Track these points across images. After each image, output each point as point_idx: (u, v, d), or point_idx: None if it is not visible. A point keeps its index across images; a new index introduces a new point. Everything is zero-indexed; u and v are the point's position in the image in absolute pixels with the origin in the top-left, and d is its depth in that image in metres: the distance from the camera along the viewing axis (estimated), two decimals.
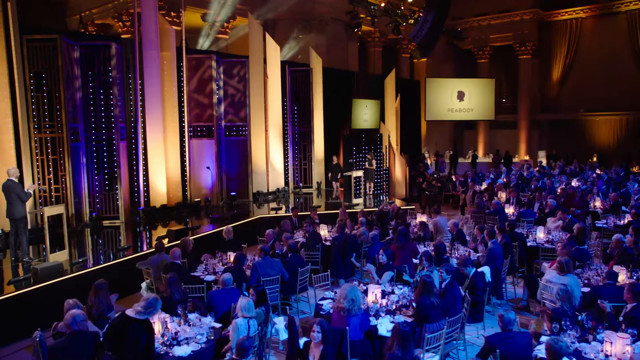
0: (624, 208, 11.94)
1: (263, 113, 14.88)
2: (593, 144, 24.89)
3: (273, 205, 14.11)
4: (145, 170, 12.61)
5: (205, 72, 13.66)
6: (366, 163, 15.44)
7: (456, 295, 6.08)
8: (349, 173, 14.34)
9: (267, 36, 15.18)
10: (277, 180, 15.53)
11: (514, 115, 27.03)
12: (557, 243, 7.74)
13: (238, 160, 14.51)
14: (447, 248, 8.33)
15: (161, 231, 11.47)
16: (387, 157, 17.53)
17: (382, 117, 19.28)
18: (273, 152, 15.37)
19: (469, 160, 25.70)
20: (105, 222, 11.63)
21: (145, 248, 9.70)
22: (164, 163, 12.76)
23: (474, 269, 6.69)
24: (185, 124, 13.47)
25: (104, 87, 11.61)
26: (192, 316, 5.62)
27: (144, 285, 7.76)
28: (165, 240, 9.57)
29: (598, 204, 12.54)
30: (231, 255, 7.66)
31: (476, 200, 12.17)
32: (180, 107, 13.34)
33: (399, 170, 17.33)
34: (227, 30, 20.09)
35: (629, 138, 23.44)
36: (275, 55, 15.36)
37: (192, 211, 13.05)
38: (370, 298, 6.15)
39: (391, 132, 18.54)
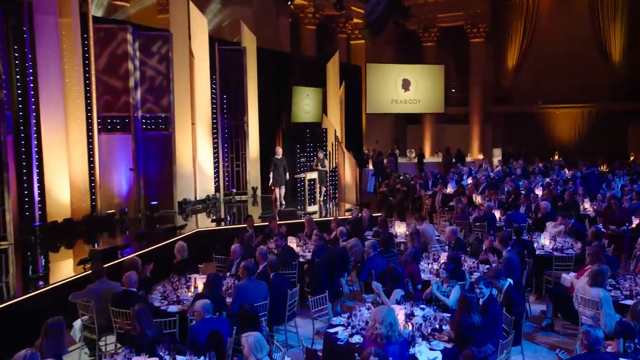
0: None
1: (189, 102, 14.40)
2: (553, 140, 26.62)
3: (202, 216, 13.79)
4: (41, 173, 11.65)
5: (119, 47, 12.97)
6: (318, 164, 15.28)
7: (498, 312, 6.14)
8: (301, 175, 14.16)
9: (192, 6, 14.64)
10: (206, 186, 15.09)
11: (464, 108, 28.23)
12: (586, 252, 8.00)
13: (159, 161, 13.91)
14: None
15: (65, 254, 10.76)
16: (335, 156, 17.59)
17: (323, 109, 19.33)
18: (201, 151, 14.92)
19: (415, 160, 26.45)
20: None
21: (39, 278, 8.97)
22: (66, 164, 11.89)
23: (508, 282, 6.78)
24: (93, 114, 12.62)
25: None
26: (183, 359, 5.17)
27: (77, 324, 7.11)
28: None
29: (587, 205, 13.36)
30: (197, 279, 7.25)
31: (459, 205, 12.51)
32: (87, 91, 12.49)
33: (348, 172, 17.44)
34: None
35: (593, 133, 25.31)
36: (202, 30, 14.91)
37: (105, 226, 12.31)
38: None
39: (336, 126, 18.63)
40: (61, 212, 11.76)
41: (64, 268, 9.75)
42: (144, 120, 13.71)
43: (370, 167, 23.30)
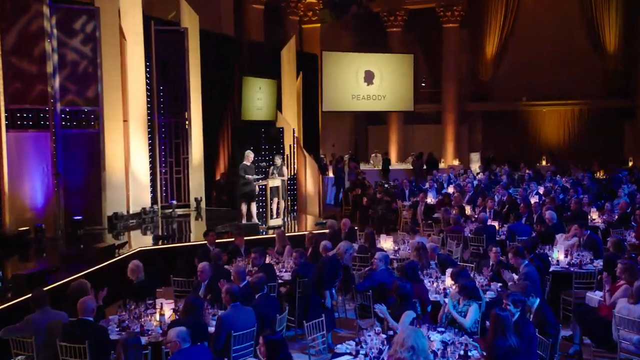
0: None
1: (120, 93, 14.20)
2: (539, 142, 27.47)
3: (136, 233, 13.67)
4: None
5: (32, 22, 12.63)
6: (275, 171, 15.06)
7: (532, 333, 6.25)
8: (263, 182, 14.08)
9: None
10: (140, 197, 14.95)
11: (436, 106, 28.75)
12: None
13: (84, 166, 13.68)
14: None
15: None
16: (294, 160, 17.57)
17: (278, 104, 19.34)
18: (135, 154, 14.79)
19: (379, 167, 26.69)
20: None
21: None
22: None
23: (538, 300, 6.92)
24: (0, 107, 12.27)
25: None
26: None
27: None
28: None
29: (596, 216, 13.83)
30: (164, 304, 7.12)
31: (452, 216, 12.75)
32: None
33: (310, 180, 17.45)
34: None
35: (585, 133, 26.23)
36: (134, 5, 14.77)
37: (15, 246, 11.99)
38: None
39: (294, 125, 18.64)
40: None
41: None
42: (64, 115, 13.45)
43: (331, 174, 23.38)
